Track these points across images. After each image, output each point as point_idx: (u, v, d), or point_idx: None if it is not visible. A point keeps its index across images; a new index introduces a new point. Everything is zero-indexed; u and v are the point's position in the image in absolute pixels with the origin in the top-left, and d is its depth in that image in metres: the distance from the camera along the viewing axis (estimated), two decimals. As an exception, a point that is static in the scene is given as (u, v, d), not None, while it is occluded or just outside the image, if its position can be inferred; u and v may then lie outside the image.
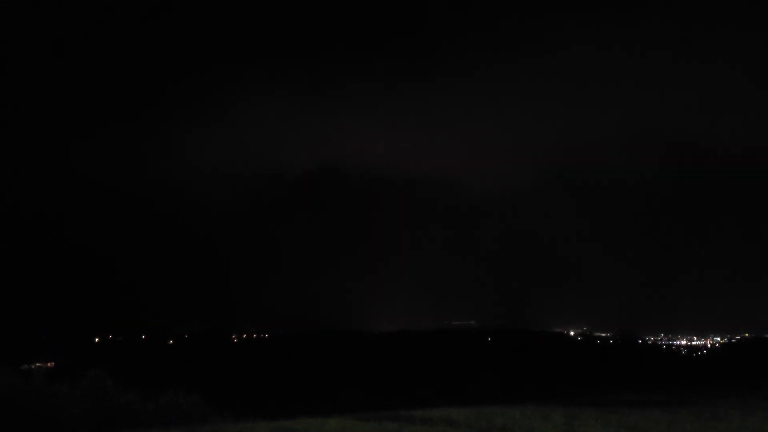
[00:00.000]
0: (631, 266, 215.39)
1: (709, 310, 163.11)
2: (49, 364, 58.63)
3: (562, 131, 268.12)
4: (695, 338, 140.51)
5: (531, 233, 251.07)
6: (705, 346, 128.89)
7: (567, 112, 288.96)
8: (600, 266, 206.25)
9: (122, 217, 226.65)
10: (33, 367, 50.02)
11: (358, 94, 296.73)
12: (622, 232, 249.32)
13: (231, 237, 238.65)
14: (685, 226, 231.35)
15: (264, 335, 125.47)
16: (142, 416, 19.73)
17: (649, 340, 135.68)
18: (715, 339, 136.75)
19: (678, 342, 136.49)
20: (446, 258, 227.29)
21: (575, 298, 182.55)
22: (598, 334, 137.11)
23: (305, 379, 64.89)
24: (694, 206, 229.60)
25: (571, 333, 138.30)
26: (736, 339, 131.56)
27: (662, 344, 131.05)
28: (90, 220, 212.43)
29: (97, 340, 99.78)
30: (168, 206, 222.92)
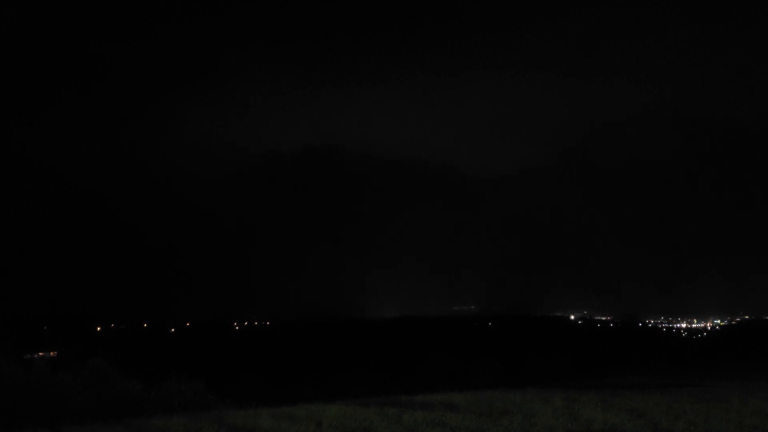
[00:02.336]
0: (631, 250, 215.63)
1: (709, 293, 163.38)
2: (51, 353, 58.81)
3: (574, 110, 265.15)
4: (695, 321, 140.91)
5: (532, 217, 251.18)
6: (705, 328, 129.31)
7: (576, 84, 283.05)
8: (601, 250, 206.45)
9: (120, 207, 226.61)
10: (35, 356, 50.19)
11: (362, 73, 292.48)
12: (622, 216, 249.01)
13: (231, 224, 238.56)
14: (688, 209, 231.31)
15: (265, 322, 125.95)
16: (144, 404, 19.80)
17: (650, 323, 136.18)
18: (715, 321, 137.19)
19: (678, 325, 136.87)
20: (447, 243, 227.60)
21: (576, 282, 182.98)
22: (599, 317, 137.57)
23: (307, 365, 65.18)
24: (696, 188, 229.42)
25: (572, 317, 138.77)
26: (736, 321, 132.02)
27: (662, 327, 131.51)
28: (89, 212, 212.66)
29: (99, 329, 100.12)
30: (165, 194, 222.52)
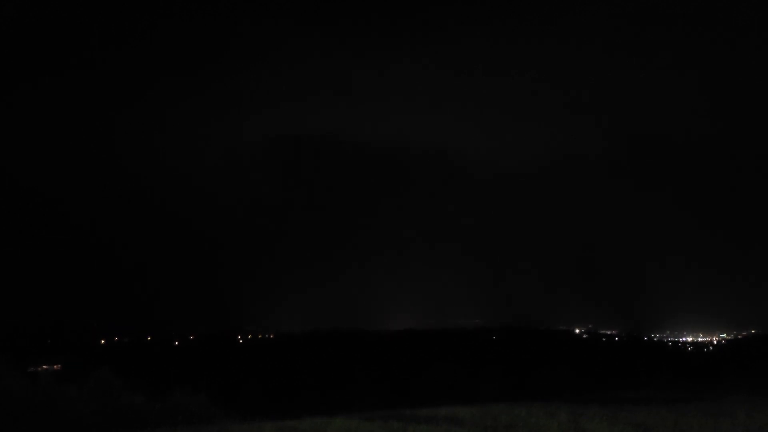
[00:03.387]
0: (637, 262, 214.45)
1: (715, 307, 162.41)
2: (56, 366, 58.71)
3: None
4: (701, 335, 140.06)
5: (536, 228, 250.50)
6: (711, 342, 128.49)
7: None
8: (606, 262, 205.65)
9: (125, 215, 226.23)
10: (40, 369, 50.13)
11: (364, 60, 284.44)
12: (624, 228, 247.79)
13: (233, 234, 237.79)
14: (691, 220, 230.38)
15: (269, 335, 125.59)
16: (148, 417, 19.81)
17: (655, 337, 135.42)
18: (722, 335, 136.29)
19: (684, 339, 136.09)
20: (451, 255, 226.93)
21: (581, 295, 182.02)
22: (604, 331, 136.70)
23: (310, 378, 65.02)
24: (697, 199, 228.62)
25: (577, 331, 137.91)
26: (742, 335, 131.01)
27: (668, 341, 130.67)
28: (95, 218, 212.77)
29: (103, 341, 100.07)
30: (169, 202, 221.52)
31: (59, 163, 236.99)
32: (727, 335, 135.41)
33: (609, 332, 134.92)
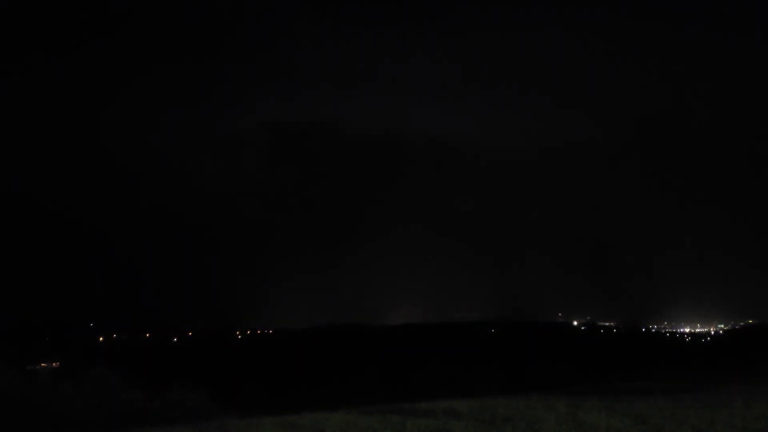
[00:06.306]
0: (635, 254, 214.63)
1: (713, 298, 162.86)
2: (54, 364, 58.61)
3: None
4: (699, 326, 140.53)
5: (532, 221, 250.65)
6: (709, 333, 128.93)
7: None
8: (604, 254, 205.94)
9: (120, 212, 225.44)
10: (38, 367, 50.06)
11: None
12: (624, 219, 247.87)
13: (228, 228, 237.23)
14: (691, 213, 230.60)
15: (267, 330, 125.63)
16: (147, 414, 19.80)
17: (653, 328, 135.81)
18: (719, 326, 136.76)
19: (681, 329, 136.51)
20: (449, 250, 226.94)
21: (579, 288, 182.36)
22: (602, 323, 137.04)
23: (310, 373, 65.06)
24: (701, 190, 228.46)
25: (575, 323, 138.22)
26: (740, 326, 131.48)
27: (666, 332, 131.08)
28: (90, 216, 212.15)
29: (101, 339, 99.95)
30: (163, 196, 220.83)
31: (51, 160, 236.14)
32: (725, 326, 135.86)
33: (607, 324, 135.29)
